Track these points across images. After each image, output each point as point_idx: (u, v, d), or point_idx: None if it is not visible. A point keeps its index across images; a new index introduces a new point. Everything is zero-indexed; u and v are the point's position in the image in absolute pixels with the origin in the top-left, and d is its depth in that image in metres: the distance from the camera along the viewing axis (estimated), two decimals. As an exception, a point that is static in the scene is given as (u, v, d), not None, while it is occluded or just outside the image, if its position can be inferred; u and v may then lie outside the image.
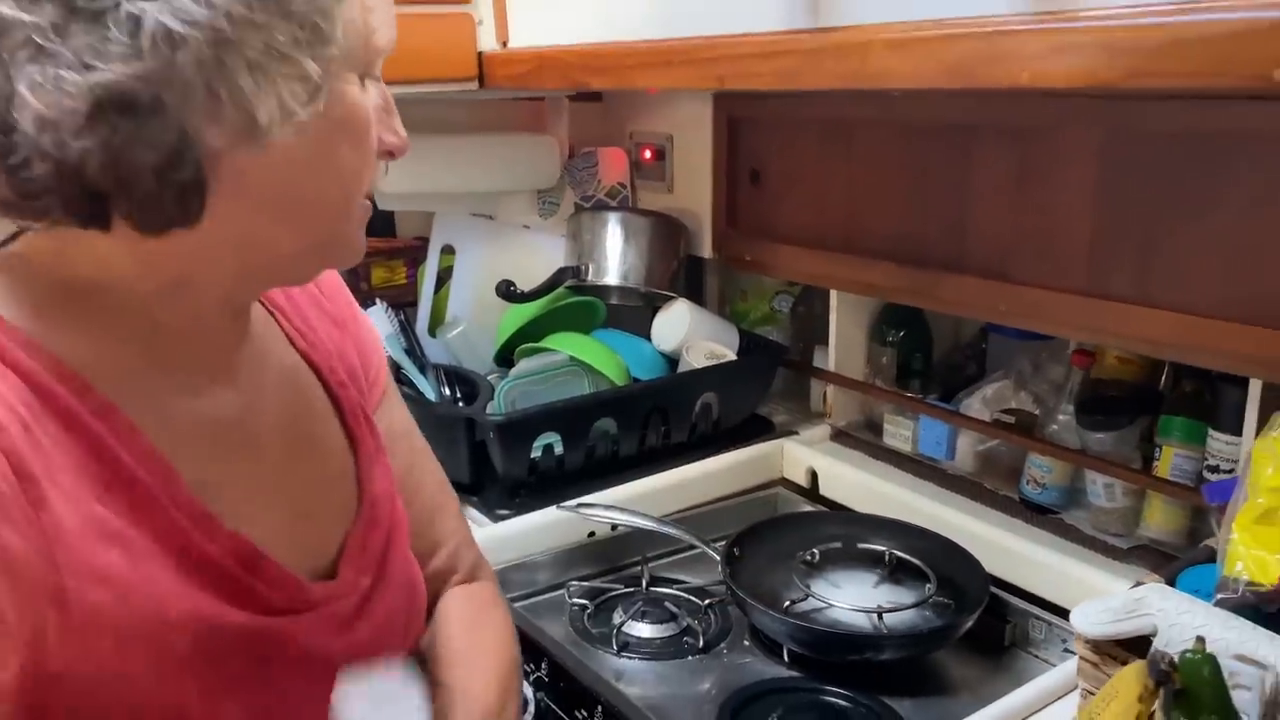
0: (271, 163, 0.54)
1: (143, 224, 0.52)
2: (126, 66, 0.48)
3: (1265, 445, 0.85)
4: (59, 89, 0.47)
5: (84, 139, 0.48)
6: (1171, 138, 1.03)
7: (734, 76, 0.97)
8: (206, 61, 0.49)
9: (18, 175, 0.49)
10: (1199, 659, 0.70)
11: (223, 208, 0.54)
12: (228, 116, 0.51)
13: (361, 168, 0.60)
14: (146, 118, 0.49)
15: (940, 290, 1.31)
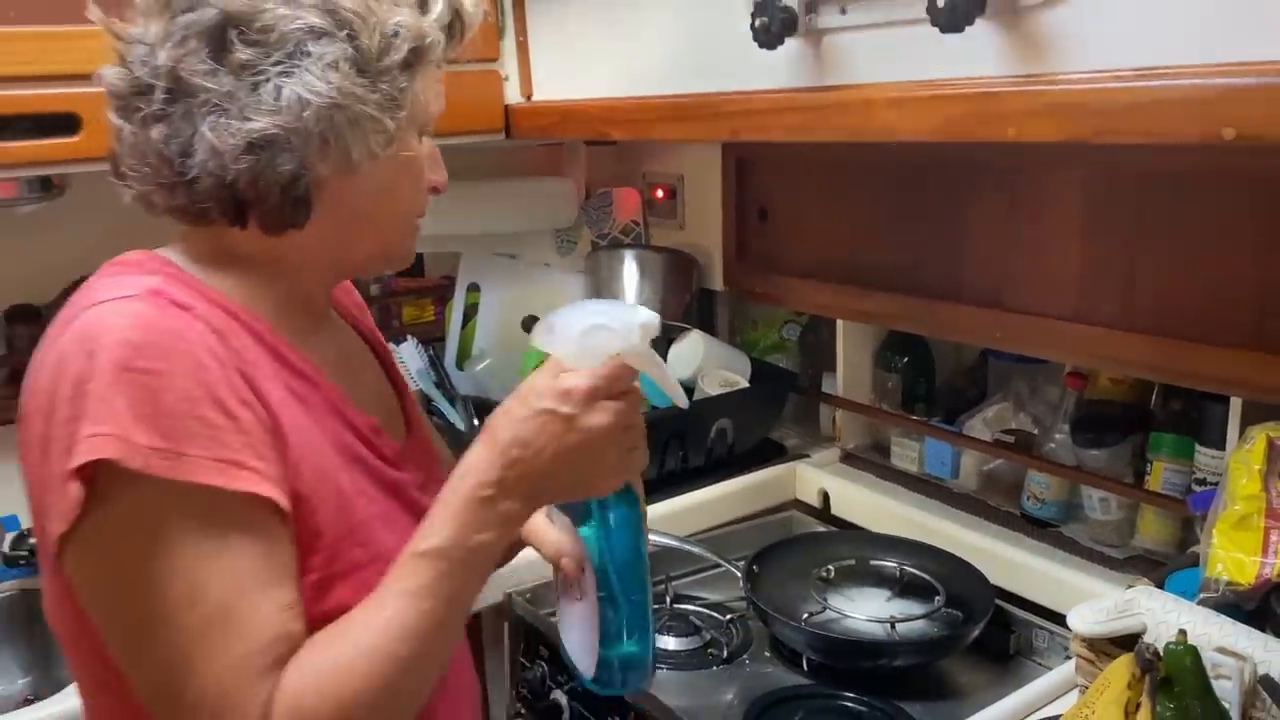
0: (357, 188, 0.78)
1: (267, 227, 0.76)
2: (271, 119, 0.72)
3: (1240, 457, 0.93)
4: (226, 131, 0.72)
5: (239, 164, 0.72)
6: (1143, 176, 1.12)
7: (747, 130, 1.05)
8: (322, 119, 0.73)
9: (191, 188, 0.74)
10: (1181, 650, 0.78)
11: (321, 217, 0.77)
12: (332, 154, 0.75)
13: (416, 198, 0.85)
14: (279, 152, 0.73)
15: (939, 318, 1.39)
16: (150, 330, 0.68)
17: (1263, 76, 0.65)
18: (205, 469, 0.66)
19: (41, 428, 0.68)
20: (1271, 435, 0.91)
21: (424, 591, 0.71)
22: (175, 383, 0.67)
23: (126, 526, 0.67)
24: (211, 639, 0.66)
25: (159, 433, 0.65)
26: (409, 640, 0.70)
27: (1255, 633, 0.85)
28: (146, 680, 0.69)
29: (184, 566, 0.66)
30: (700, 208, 1.76)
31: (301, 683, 0.68)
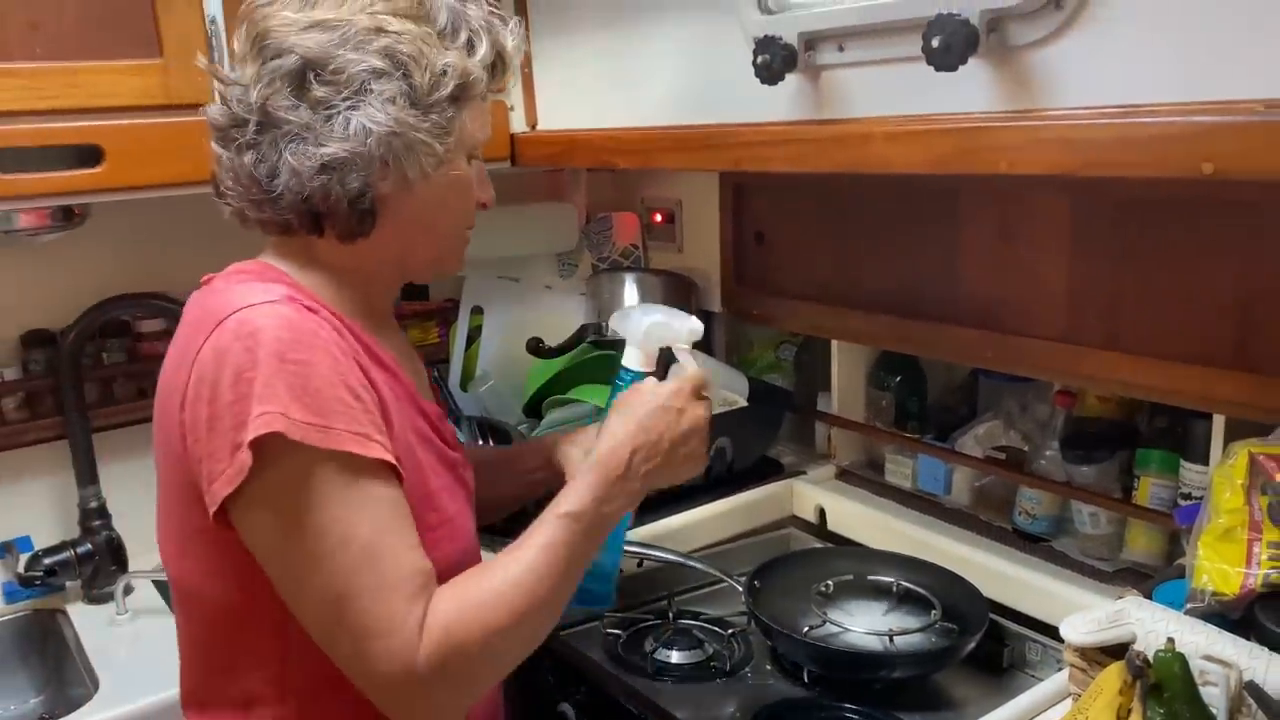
0: (414, 202, 0.94)
1: (341, 236, 0.93)
2: (340, 145, 0.88)
3: (1223, 472, 0.97)
4: (304, 156, 0.88)
5: (314, 183, 0.89)
6: (1128, 203, 1.17)
7: (749, 160, 1.10)
8: (382, 143, 0.88)
9: (276, 204, 0.91)
10: (1170, 657, 0.82)
11: (385, 228, 0.94)
12: (391, 174, 0.90)
13: (465, 212, 1.01)
14: (348, 172, 0.89)
15: (932, 338, 1.43)
16: (296, 329, 0.84)
17: (1240, 115, 0.70)
18: (347, 439, 0.82)
19: (206, 410, 0.82)
20: (1253, 451, 0.95)
21: (560, 545, 0.90)
22: (319, 370, 0.83)
23: (289, 486, 0.82)
24: (363, 573, 0.82)
25: (311, 411, 0.81)
26: (543, 584, 0.88)
27: (1240, 640, 0.88)
28: (312, 611, 0.85)
29: (335, 516, 0.82)
30: (698, 232, 1.80)
31: (451, 609, 0.84)
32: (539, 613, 0.89)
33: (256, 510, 0.83)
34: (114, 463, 1.60)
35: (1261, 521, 0.94)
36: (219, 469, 0.82)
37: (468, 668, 0.85)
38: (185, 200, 1.47)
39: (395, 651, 0.82)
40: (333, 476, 0.82)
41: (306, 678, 0.91)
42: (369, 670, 0.83)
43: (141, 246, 1.61)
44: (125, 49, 1.25)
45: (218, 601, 0.91)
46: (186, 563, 0.92)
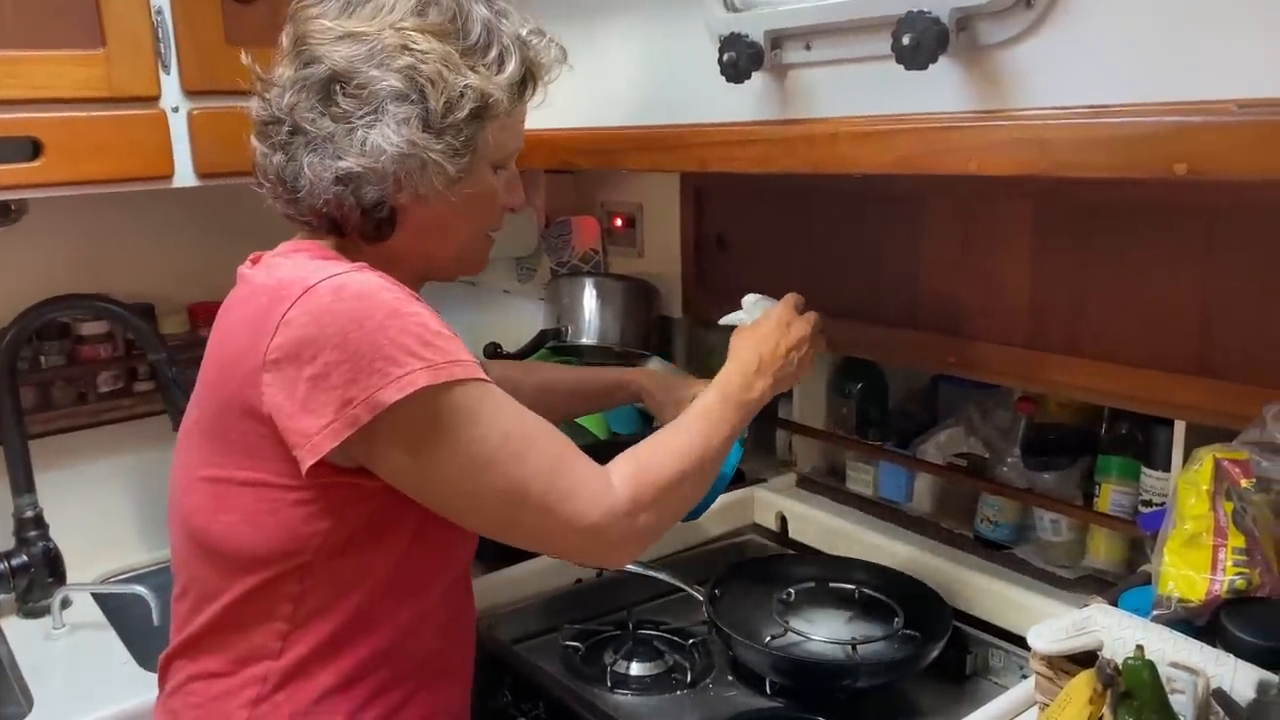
0: (431, 212, 0.99)
1: (363, 236, 0.99)
2: (356, 160, 0.93)
3: (1188, 478, 0.97)
4: (321, 166, 0.93)
5: (328, 194, 0.94)
6: (1093, 208, 1.17)
7: (714, 160, 1.08)
8: (395, 161, 0.93)
9: (298, 205, 0.97)
10: (1139, 665, 0.81)
11: (405, 232, 0.99)
12: (405, 188, 0.95)
13: (488, 218, 1.06)
14: (361, 185, 0.94)
15: (894, 344, 1.43)
16: (392, 290, 0.90)
17: (1212, 115, 0.69)
18: (472, 367, 0.91)
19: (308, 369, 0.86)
20: (1219, 457, 0.95)
21: (717, 418, 1.04)
22: (426, 318, 0.90)
23: (441, 418, 0.89)
24: (531, 456, 0.92)
25: (442, 352, 0.89)
26: (707, 443, 1.02)
27: (1207, 648, 0.88)
28: (492, 506, 0.93)
29: (488, 424, 0.91)
30: (659, 236, 1.78)
31: (632, 463, 0.97)
32: (704, 465, 1.02)
33: (405, 444, 0.90)
34: (52, 471, 1.54)
35: (1226, 527, 0.93)
36: (319, 424, 0.87)
37: (657, 509, 0.97)
38: (129, 197, 1.43)
39: (593, 502, 0.93)
40: (474, 397, 0.90)
41: (310, 637, 0.96)
42: (573, 527, 0.93)
43: (82, 245, 1.55)
44: (67, 39, 1.21)
45: (249, 549, 0.94)
46: (224, 515, 0.95)
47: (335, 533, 0.94)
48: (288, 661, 0.96)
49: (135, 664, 1.34)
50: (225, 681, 0.97)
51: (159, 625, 1.21)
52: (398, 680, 1.00)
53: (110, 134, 1.21)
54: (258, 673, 0.96)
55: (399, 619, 0.99)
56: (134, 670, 1.33)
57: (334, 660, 0.97)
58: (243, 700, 0.96)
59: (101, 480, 1.59)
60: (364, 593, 0.97)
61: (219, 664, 0.98)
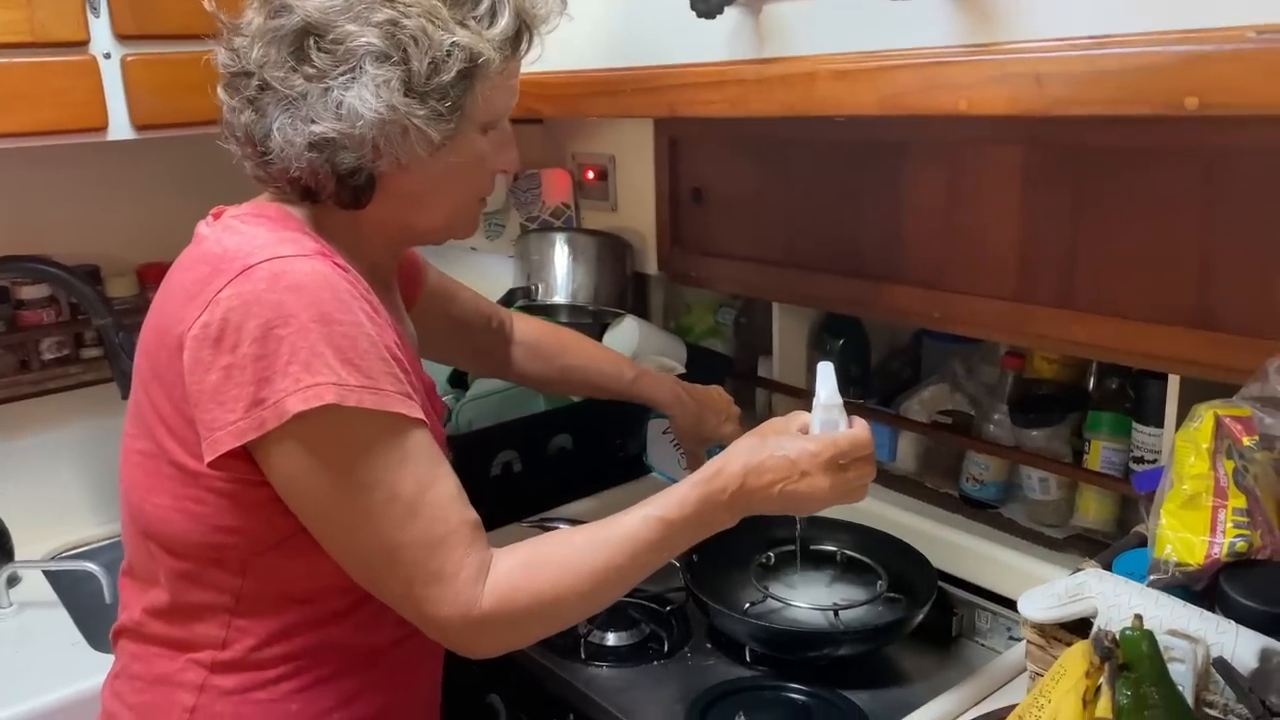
0: (412, 179, 0.91)
1: (339, 203, 0.90)
2: (331, 125, 0.84)
3: (1186, 436, 0.92)
4: (293, 130, 0.85)
5: (301, 161, 0.86)
6: (1084, 152, 1.11)
7: (684, 104, 1.01)
8: (374, 127, 0.84)
9: (268, 169, 0.89)
10: (1138, 635, 0.76)
11: (385, 200, 0.91)
12: (384, 155, 0.87)
13: (477, 183, 0.97)
14: (338, 151, 0.86)
15: (878, 299, 1.37)
16: (335, 289, 0.82)
17: (1226, 43, 0.63)
18: (395, 400, 0.83)
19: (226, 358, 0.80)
20: (1220, 413, 0.90)
21: (645, 547, 0.89)
22: (363, 332, 0.82)
23: (337, 445, 0.82)
24: (414, 525, 0.83)
25: (362, 373, 0.81)
26: (611, 574, 0.88)
27: (1208, 614, 0.84)
28: (359, 559, 0.86)
29: (383, 474, 0.83)
30: (632, 190, 1.71)
31: (518, 570, 0.86)
32: (598, 594, 0.90)
33: (299, 461, 0.82)
34: (-5, 442, 1.47)
35: (1227, 487, 0.89)
36: (227, 419, 0.81)
37: (522, 623, 0.88)
38: (70, 152, 1.35)
39: (450, 599, 0.84)
40: (381, 436, 0.83)
41: (255, 626, 0.90)
42: (422, 612, 0.85)
43: (20, 204, 1.47)
44: (-16, -21, 1.12)
45: (181, 536, 0.89)
46: (156, 496, 0.89)
47: (267, 528, 0.87)
48: (234, 653, 0.91)
49: (86, 644, 1.29)
50: (169, 664, 0.92)
51: (111, 603, 1.16)
52: (354, 669, 0.95)
53: (34, 83, 1.13)
54: (203, 659, 0.91)
55: (355, 614, 0.93)
56: (84, 651, 1.27)
57: (283, 650, 0.91)
58: (188, 686, 0.91)
59: (49, 452, 1.53)
60: (312, 586, 0.91)
61: (163, 648, 0.93)
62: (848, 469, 0.92)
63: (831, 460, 0.92)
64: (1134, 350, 1.10)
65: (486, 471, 1.40)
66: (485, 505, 1.39)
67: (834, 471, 0.92)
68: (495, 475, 1.41)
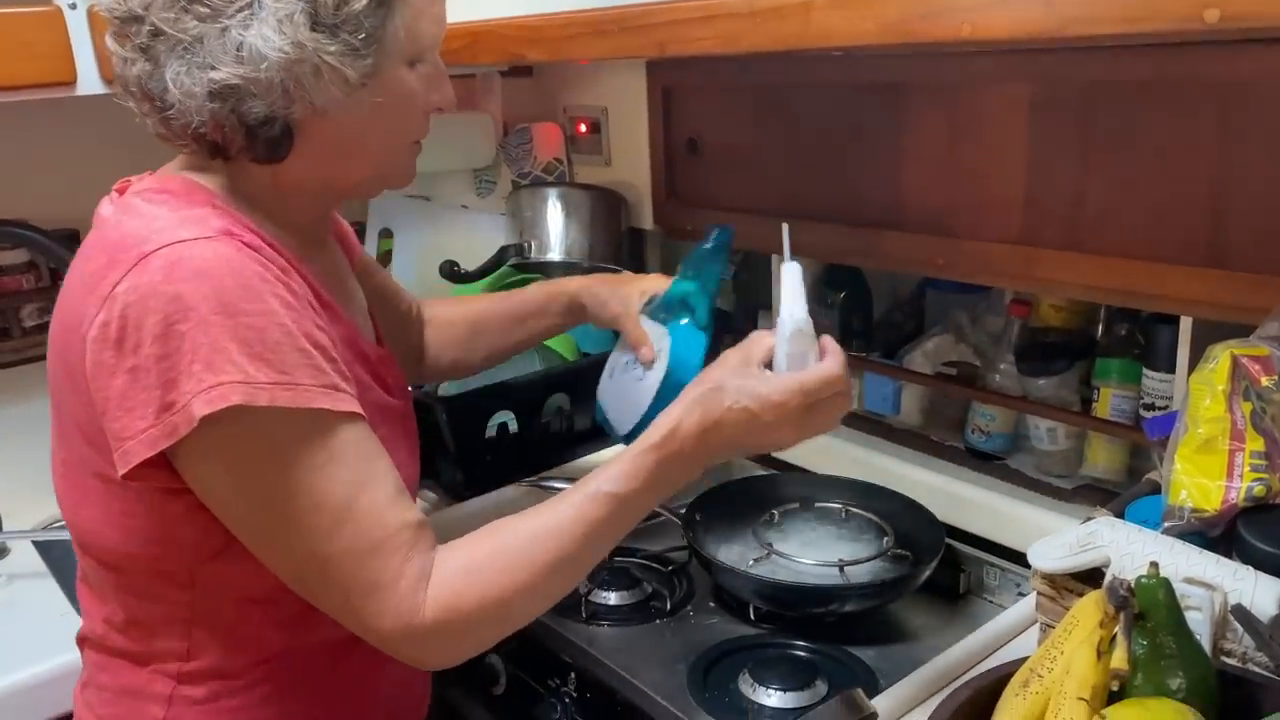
0: (334, 125, 0.81)
1: (253, 158, 0.81)
2: (232, 70, 0.75)
3: (1201, 378, 0.89)
4: (190, 78, 0.76)
5: (204, 114, 0.77)
6: (1092, 87, 1.06)
7: (674, 43, 0.97)
8: (281, 69, 0.76)
9: (170, 125, 0.80)
10: (1154, 583, 0.73)
11: (305, 151, 0.82)
12: (297, 101, 0.78)
13: (405, 127, 0.87)
14: (243, 100, 0.77)
15: (880, 248, 1.33)
16: (241, 274, 0.73)
17: (1249, -51, 0.58)
18: (317, 395, 0.75)
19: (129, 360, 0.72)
20: (1236, 353, 0.87)
21: (597, 525, 0.81)
22: (274, 320, 0.73)
23: (253, 449, 0.74)
24: (343, 534, 0.75)
25: (274, 368, 0.73)
26: (564, 563, 0.80)
27: (1225, 561, 0.81)
28: (290, 569, 0.78)
29: (305, 479, 0.75)
30: (626, 142, 1.66)
31: (459, 571, 0.78)
32: (549, 585, 0.82)
33: (214, 468, 0.76)
34: (-19, 412, 1.44)
35: (1244, 430, 0.86)
36: (137, 426, 0.72)
37: (472, 630, 0.80)
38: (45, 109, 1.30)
39: (391, 610, 0.76)
40: (302, 436, 0.75)
41: (217, 634, 0.85)
42: (364, 624, 0.78)
43: (-7, 167, 1.43)
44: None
45: (119, 551, 0.83)
46: (85, 510, 0.83)
47: (205, 536, 0.80)
48: (201, 662, 0.85)
49: (75, 615, 1.25)
50: (135, 676, 0.87)
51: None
52: (332, 665, 0.90)
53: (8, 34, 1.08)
54: (169, 669, 0.86)
55: (327, 620, 0.83)
56: (74, 621, 1.24)
57: (253, 655, 0.85)
58: (157, 698, 0.86)
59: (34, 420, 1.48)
60: (270, 586, 0.81)
61: (127, 661, 0.87)
62: (819, 408, 0.83)
63: (799, 407, 0.82)
64: (1145, 292, 1.06)
65: (482, 433, 1.37)
66: (481, 467, 1.39)
67: (802, 416, 0.83)
68: (491, 437, 1.38)
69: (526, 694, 1.16)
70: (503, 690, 1.19)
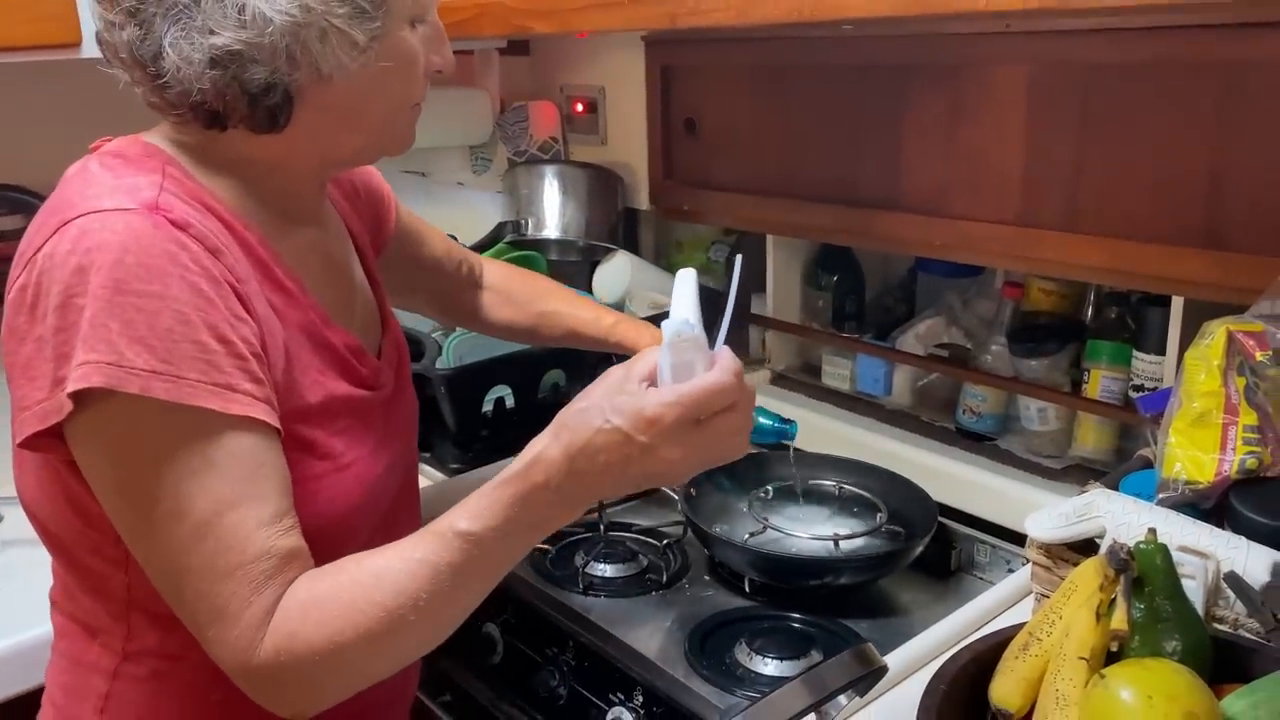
0: (336, 93, 0.77)
1: (252, 128, 0.77)
2: (235, 35, 0.71)
3: (1196, 354, 0.91)
4: (189, 44, 0.71)
5: (203, 81, 0.73)
6: (1091, 69, 1.08)
7: (685, 14, 0.97)
8: (287, 33, 0.72)
9: (164, 94, 0.75)
10: (1152, 548, 0.75)
11: (304, 119, 0.78)
12: (302, 67, 0.74)
13: (409, 88, 0.83)
14: (247, 65, 0.73)
15: (876, 228, 1.35)
16: (147, 252, 0.68)
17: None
18: (202, 392, 0.68)
19: (37, 328, 0.69)
20: (1232, 329, 0.89)
21: (448, 570, 0.70)
22: (171, 306, 0.68)
23: (122, 440, 0.69)
24: (198, 552, 0.69)
25: (157, 356, 0.67)
26: (406, 610, 0.70)
27: (1218, 530, 0.83)
28: (153, 576, 0.73)
29: (172, 483, 0.69)
30: (623, 122, 1.67)
31: (297, 611, 0.70)
32: (406, 638, 0.72)
33: (89, 452, 0.71)
34: (-27, 379, 1.43)
35: (1238, 404, 0.88)
36: (35, 397, 0.69)
37: (307, 676, 0.70)
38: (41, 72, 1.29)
39: (229, 643, 0.69)
40: (177, 435, 0.68)
41: (156, 616, 0.79)
42: (211, 653, 0.71)
43: (-10, 129, 1.42)
44: None
45: (53, 522, 0.79)
46: (22, 478, 0.80)
47: None
48: (143, 642, 0.81)
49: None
50: (85, 647, 0.84)
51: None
52: None
53: (-1, -4, 1.07)
54: (114, 645, 0.82)
55: None
56: (70, 587, 1.24)
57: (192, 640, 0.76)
58: (103, 672, 0.83)
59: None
60: None
61: (79, 629, 0.85)
62: (707, 426, 0.70)
63: (679, 423, 0.69)
64: (1141, 272, 1.08)
65: (478, 408, 1.38)
66: (478, 441, 1.39)
67: (685, 434, 0.70)
68: (487, 412, 1.38)
69: (524, 663, 1.16)
70: (500, 659, 1.19)
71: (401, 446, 0.93)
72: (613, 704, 1.05)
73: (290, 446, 0.76)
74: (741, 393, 0.72)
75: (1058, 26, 1.07)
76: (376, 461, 0.86)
